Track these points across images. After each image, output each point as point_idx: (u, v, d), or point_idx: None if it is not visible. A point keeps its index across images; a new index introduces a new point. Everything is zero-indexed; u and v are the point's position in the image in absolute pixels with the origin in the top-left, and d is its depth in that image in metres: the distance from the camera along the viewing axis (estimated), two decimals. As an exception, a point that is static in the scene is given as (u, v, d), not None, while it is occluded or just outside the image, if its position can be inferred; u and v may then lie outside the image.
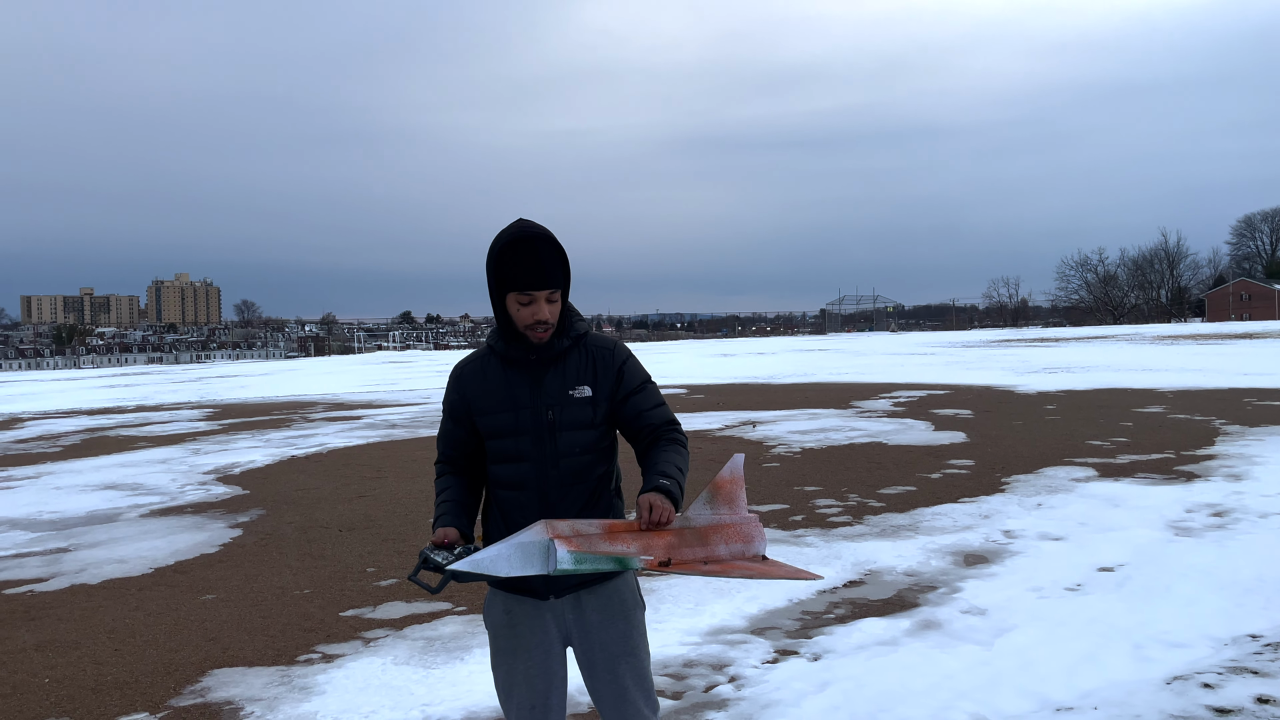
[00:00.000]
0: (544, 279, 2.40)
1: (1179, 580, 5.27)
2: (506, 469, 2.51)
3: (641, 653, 2.57)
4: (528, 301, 2.42)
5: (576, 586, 2.52)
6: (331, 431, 14.62)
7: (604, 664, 2.52)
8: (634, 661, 2.54)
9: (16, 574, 6.66)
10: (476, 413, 2.54)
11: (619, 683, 2.52)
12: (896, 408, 14.91)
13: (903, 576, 5.65)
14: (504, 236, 2.43)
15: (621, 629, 2.54)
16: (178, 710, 4.16)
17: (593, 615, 2.53)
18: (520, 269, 2.39)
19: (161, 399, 24.57)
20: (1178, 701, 3.75)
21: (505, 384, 2.52)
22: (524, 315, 2.43)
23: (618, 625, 2.54)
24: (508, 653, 2.57)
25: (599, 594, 2.54)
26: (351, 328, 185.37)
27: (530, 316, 2.42)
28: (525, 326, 2.44)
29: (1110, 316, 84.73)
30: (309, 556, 6.75)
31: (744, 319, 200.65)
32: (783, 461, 10.02)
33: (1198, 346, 29.63)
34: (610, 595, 2.54)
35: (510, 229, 2.44)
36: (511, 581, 2.52)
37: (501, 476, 2.53)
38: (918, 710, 3.77)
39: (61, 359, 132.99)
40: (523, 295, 2.41)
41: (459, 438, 2.62)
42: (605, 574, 2.51)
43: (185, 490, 9.77)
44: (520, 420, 2.48)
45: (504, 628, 2.58)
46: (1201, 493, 7.58)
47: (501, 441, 2.51)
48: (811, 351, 38.56)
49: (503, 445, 2.51)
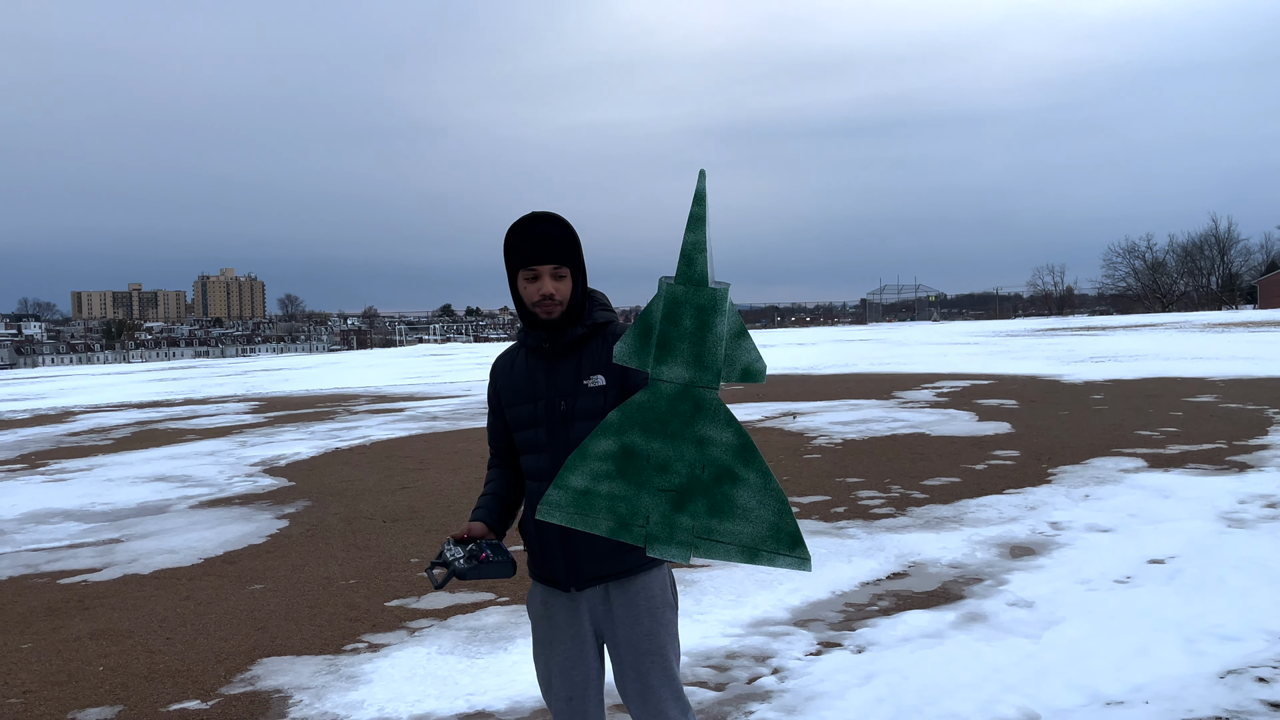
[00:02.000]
0: (545, 252, 2.43)
1: (1232, 572, 5.17)
2: (529, 459, 2.55)
3: (670, 652, 2.52)
4: (532, 277, 2.45)
5: (603, 578, 2.50)
6: (374, 424, 14.77)
7: (630, 662, 2.50)
8: (661, 661, 2.50)
9: (71, 564, 6.80)
10: (504, 404, 2.60)
11: (645, 681, 2.49)
12: (939, 398, 14.76)
13: (947, 569, 5.60)
14: (517, 221, 2.50)
15: (648, 627, 2.50)
16: (228, 698, 4.23)
17: (619, 611, 2.50)
18: (523, 245, 2.45)
19: (209, 392, 24.98)
20: (1231, 696, 3.68)
21: (527, 374, 2.55)
22: (530, 291, 2.46)
23: (643, 623, 2.50)
24: (545, 643, 2.58)
25: (627, 590, 2.50)
26: (393, 321, 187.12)
27: (536, 292, 2.45)
28: (533, 304, 2.46)
29: (1159, 304, 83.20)
30: (354, 547, 6.83)
31: (784, 309, 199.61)
32: (824, 453, 9.97)
33: (1250, 334, 29.00)
34: (638, 592, 2.51)
35: (525, 215, 2.51)
36: (541, 572, 2.55)
37: (527, 467, 2.57)
38: (964, 704, 3.73)
39: (111, 353, 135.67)
40: (528, 271, 2.45)
41: (498, 430, 2.67)
42: (632, 568, 2.50)
43: (233, 482, 9.92)
44: (538, 411, 2.51)
45: (542, 619, 2.59)
46: (1255, 483, 7.42)
47: (524, 432, 2.55)
48: (852, 341, 38.29)
49: (525, 436, 2.55)
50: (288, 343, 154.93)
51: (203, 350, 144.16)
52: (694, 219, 1.98)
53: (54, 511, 8.76)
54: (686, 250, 1.99)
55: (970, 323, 69.07)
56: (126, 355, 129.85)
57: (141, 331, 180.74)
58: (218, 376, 34.17)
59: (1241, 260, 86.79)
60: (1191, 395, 13.51)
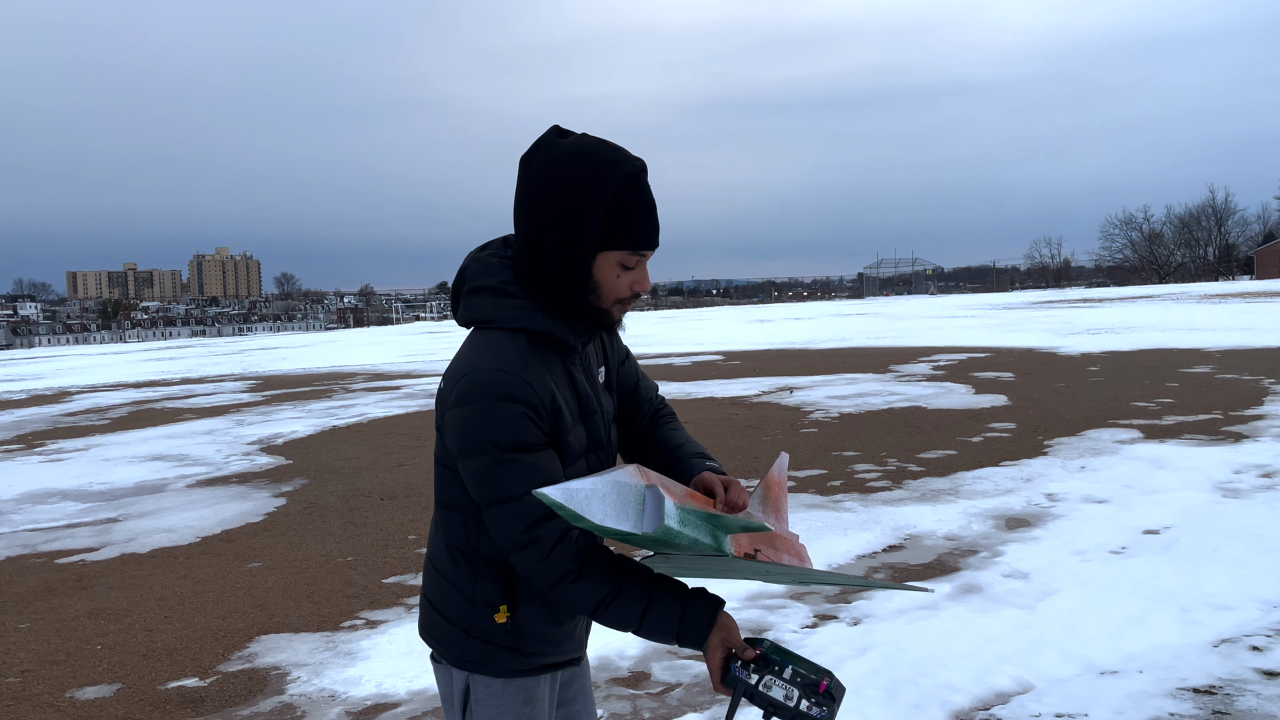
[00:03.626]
0: (658, 230, 1.72)
1: (1227, 542, 5.19)
2: None
3: None
4: (635, 264, 1.71)
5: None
6: (371, 401, 14.76)
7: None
8: None
9: (68, 544, 6.81)
10: (567, 428, 2.02)
11: None
12: (936, 371, 14.76)
13: (943, 541, 5.61)
14: (610, 167, 1.65)
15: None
16: (226, 675, 4.24)
17: (582, 683, 2.00)
18: (642, 218, 1.68)
19: (205, 371, 24.95)
20: (1225, 664, 3.70)
21: (570, 383, 1.96)
22: (623, 283, 1.72)
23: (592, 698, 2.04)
24: None
25: (580, 675, 2.00)
26: (389, 299, 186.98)
27: (630, 286, 1.73)
28: (618, 300, 1.73)
29: (1156, 276, 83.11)
30: (352, 525, 6.84)
31: (780, 284, 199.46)
32: (821, 427, 9.98)
33: (1246, 305, 29.00)
34: (585, 676, 2.02)
35: (612, 152, 1.67)
36: (543, 652, 1.84)
37: None
38: (959, 674, 3.75)
39: (107, 333, 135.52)
40: (633, 255, 1.69)
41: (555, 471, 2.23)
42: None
43: (230, 461, 9.93)
44: (599, 429, 2.01)
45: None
46: (1250, 453, 7.44)
47: (578, 464, 2.13)
48: (849, 316, 38.25)
49: (576, 470, 2.15)
50: (284, 321, 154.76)
51: (199, 330, 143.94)
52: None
53: (51, 491, 8.76)
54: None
55: (967, 296, 69.01)
56: (123, 335, 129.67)
57: (138, 311, 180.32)
58: (214, 356, 34.13)
59: (1239, 231, 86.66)
60: (1187, 366, 13.53)
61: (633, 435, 2.00)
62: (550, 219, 1.66)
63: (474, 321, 1.75)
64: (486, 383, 1.63)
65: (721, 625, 1.66)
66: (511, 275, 1.74)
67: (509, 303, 1.72)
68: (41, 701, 4.08)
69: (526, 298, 1.72)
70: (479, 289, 1.75)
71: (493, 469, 1.63)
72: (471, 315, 1.75)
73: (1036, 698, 3.54)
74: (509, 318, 1.71)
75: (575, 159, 1.65)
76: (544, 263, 1.69)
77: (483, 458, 1.63)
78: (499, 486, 1.63)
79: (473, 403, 1.63)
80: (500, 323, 1.71)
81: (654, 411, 2.01)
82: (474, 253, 1.81)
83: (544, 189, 1.66)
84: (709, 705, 3.67)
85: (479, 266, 1.77)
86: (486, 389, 1.62)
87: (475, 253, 1.81)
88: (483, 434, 1.62)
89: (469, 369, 1.66)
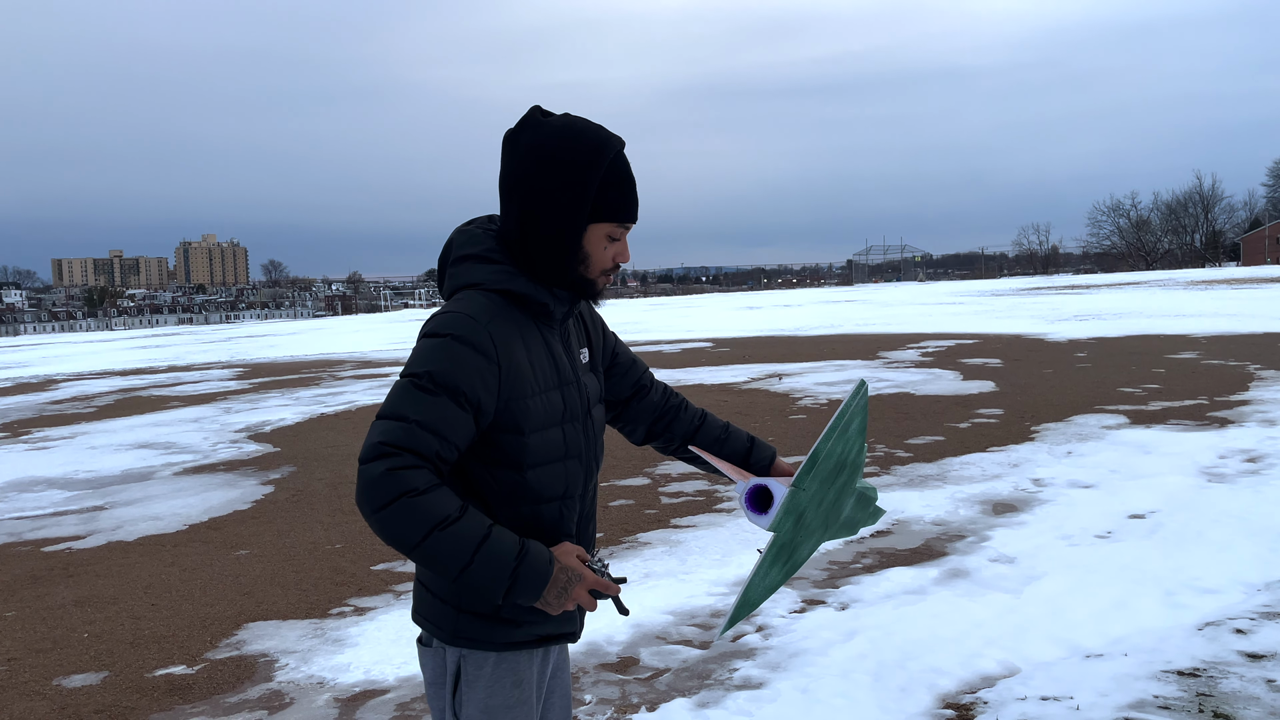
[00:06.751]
0: (637, 204, 1.86)
1: (1211, 526, 5.22)
2: (544, 474, 2.00)
3: None
4: (620, 236, 1.85)
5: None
6: (360, 389, 14.72)
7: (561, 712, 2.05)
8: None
9: (55, 532, 6.78)
10: (523, 393, 2.01)
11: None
12: (924, 358, 14.80)
13: (930, 526, 5.64)
14: (599, 146, 1.78)
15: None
16: (214, 663, 4.23)
17: (560, 659, 2.04)
18: (623, 194, 1.80)
19: (192, 359, 24.83)
20: (1210, 647, 3.72)
21: (545, 349, 2.02)
22: (608, 254, 1.84)
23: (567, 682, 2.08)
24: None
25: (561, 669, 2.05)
26: (377, 286, 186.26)
27: (613, 257, 1.86)
28: (603, 270, 1.85)
29: (1143, 262, 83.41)
30: (340, 512, 6.82)
31: (770, 271, 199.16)
32: (809, 413, 9.99)
33: (1232, 291, 29.14)
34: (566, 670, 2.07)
35: (600, 131, 1.81)
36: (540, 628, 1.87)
37: (539, 485, 2.04)
38: (946, 658, 3.77)
39: (93, 321, 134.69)
40: (618, 228, 1.83)
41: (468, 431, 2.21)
42: None
43: (217, 448, 9.89)
44: (572, 401, 2.05)
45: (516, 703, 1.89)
46: (1235, 438, 7.49)
47: (544, 434, 2.04)
48: (838, 303, 38.30)
49: (545, 440, 2.02)
50: (272, 309, 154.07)
51: (186, 317, 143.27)
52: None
53: (37, 479, 8.72)
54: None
55: (956, 282, 69.17)
56: (109, 323, 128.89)
57: (124, 299, 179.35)
58: (201, 343, 33.97)
59: (1225, 217, 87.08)
60: (1174, 352, 13.59)
61: (649, 408, 2.12)
62: (545, 194, 1.76)
63: (459, 288, 1.81)
64: (451, 322, 1.72)
65: (563, 551, 1.77)
66: (495, 244, 1.82)
67: (493, 268, 1.80)
68: (28, 689, 4.07)
69: (510, 264, 1.81)
70: (464, 257, 1.83)
71: (409, 389, 1.68)
72: (456, 282, 1.82)
73: (1022, 681, 3.56)
74: (492, 280, 1.79)
75: (567, 137, 1.76)
76: (537, 236, 1.78)
77: (410, 378, 1.69)
78: (401, 403, 1.68)
79: (432, 335, 1.73)
80: (485, 285, 1.79)
81: (664, 388, 2.15)
82: (460, 227, 1.89)
83: (536, 165, 1.76)
84: (697, 690, 3.69)
85: (465, 238, 1.86)
86: (448, 327, 1.72)
87: (462, 226, 1.89)
88: (425, 360, 1.70)
89: (442, 311, 1.77)
